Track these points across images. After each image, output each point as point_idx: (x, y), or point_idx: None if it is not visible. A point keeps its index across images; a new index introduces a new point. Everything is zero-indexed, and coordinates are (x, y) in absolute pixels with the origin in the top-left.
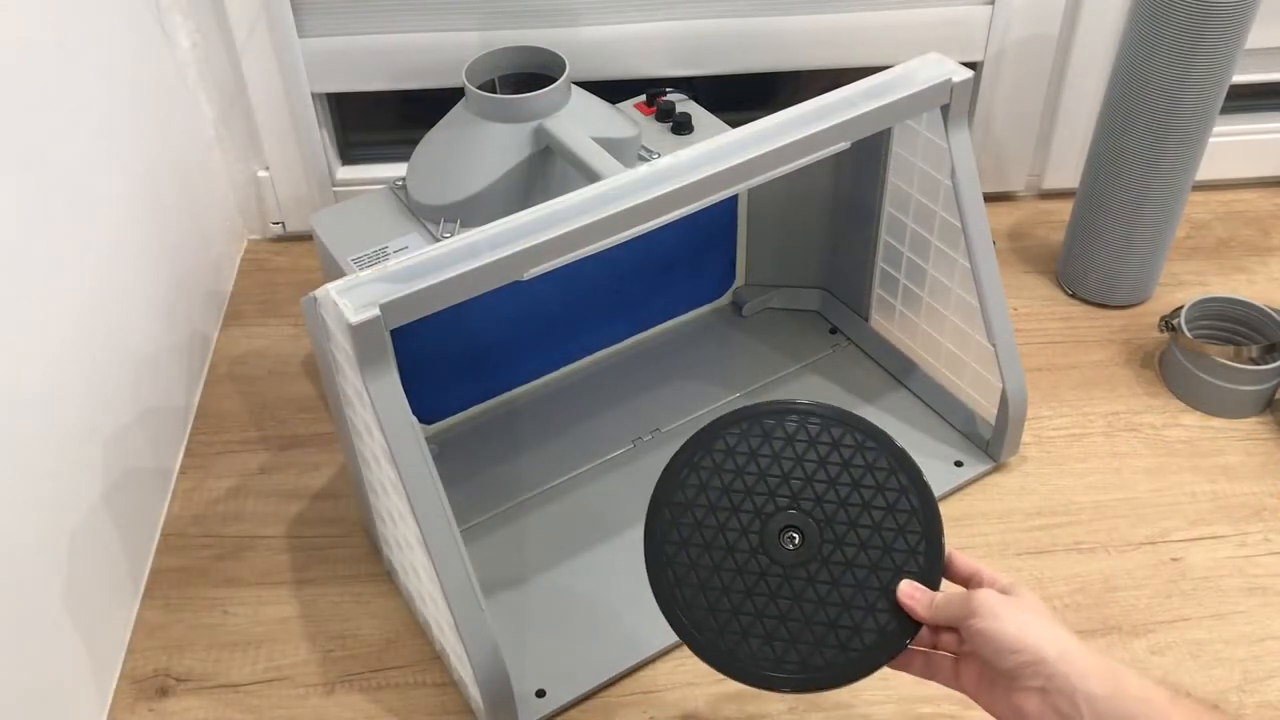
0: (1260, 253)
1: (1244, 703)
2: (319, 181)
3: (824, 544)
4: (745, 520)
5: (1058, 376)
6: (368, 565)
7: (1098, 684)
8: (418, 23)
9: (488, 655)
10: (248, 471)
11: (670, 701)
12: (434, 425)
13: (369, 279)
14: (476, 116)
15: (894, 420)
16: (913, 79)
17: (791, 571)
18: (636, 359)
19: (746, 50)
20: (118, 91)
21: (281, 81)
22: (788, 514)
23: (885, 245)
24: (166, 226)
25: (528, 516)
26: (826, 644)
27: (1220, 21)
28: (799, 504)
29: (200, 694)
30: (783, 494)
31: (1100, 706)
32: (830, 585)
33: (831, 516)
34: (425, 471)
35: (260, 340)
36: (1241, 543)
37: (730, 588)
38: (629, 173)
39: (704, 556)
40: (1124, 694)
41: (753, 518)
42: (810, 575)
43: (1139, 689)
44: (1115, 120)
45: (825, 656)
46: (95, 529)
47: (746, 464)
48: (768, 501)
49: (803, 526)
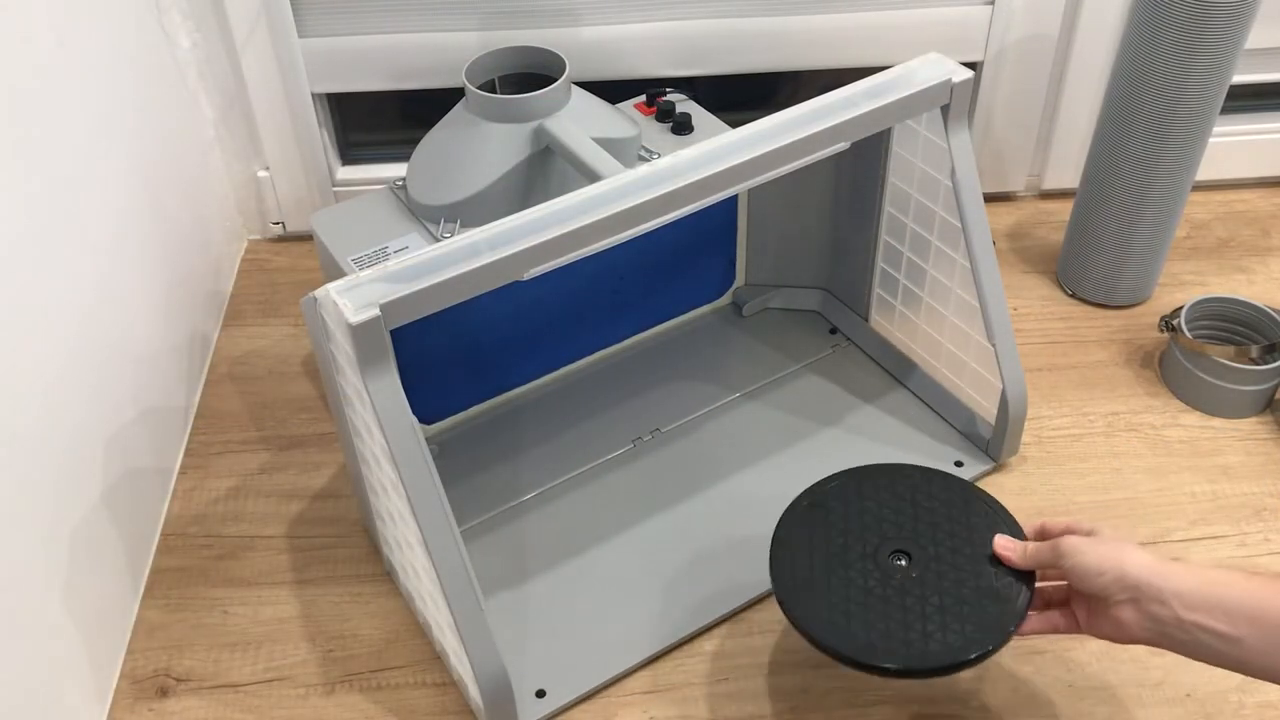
0: (1260, 253)
1: (1244, 703)
2: (319, 181)
3: (930, 560)
4: (861, 548)
5: (1058, 376)
6: (368, 565)
7: (1181, 581)
8: (418, 23)
9: (488, 655)
10: (248, 471)
11: (670, 701)
12: (434, 425)
13: (369, 279)
14: (476, 116)
15: (894, 420)
16: (913, 79)
17: (908, 584)
18: (636, 359)
19: (746, 50)
20: (118, 92)
21: (281, 81)
22: (894, 541)
23: (885, 245)
24: (166, 226)
25: (528, 516)
26: (951, 630)
27: (1220, 21)
28: (903, 535)
29: (200, 694)
30: (889, 526)
31: (1189, 599)
32: (947, 585)
33: (933, 540)
34: (425, 471)
35: (260, 340)
36: (1241, 543)
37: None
38: (629, 173)
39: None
40: (1209, 581)
41: (865, 546)
42: (927, 582)
43: (1220, 575)
44: (1115, 120)
45: (961, 634)
46: (95, 529)
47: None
48: (875, 535)
49: (909, 550)
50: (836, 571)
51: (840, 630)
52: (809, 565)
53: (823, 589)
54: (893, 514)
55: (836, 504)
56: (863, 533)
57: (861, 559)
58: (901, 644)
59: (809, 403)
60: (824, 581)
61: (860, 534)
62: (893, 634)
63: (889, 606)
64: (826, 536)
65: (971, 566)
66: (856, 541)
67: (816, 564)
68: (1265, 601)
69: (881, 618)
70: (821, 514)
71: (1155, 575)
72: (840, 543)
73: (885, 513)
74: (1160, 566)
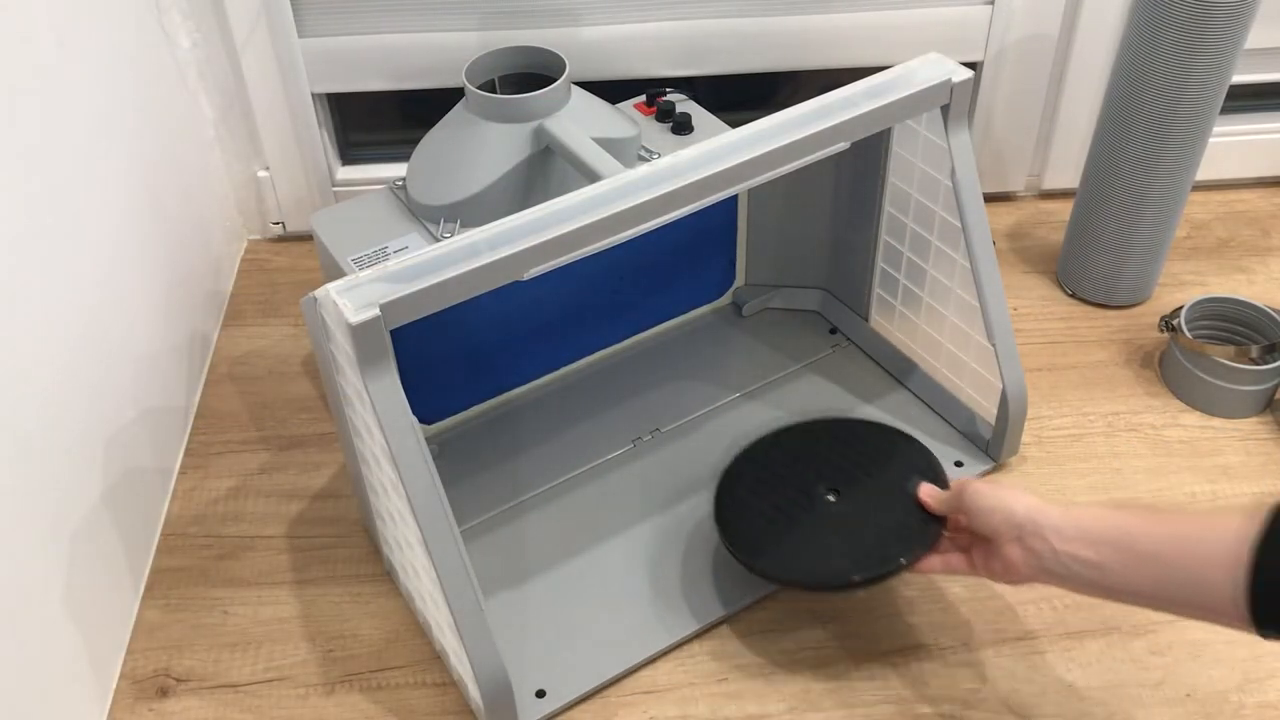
0: (1260, 253)
1: (1244, 703)
2: (319, 181)
3: (856, 498)
4: (798, 484)
5: (1058, 376)
6: (368, 565)
7: (1056, 518)
8: (418, 23)
9: (488, 655)
10: (248, 471)
11: (670, 701)
12: (434, 425)
13: (369, 279)
14: (476, 116)
15: (894, 420)
16: (913, 79)
17: (832, 516)
18: (636, 359)
19: (746, 50)
20: (118, 91)
21: (281, 81)
22: (828, 480)
23: (885, 245)
24: (166, 226)
25: (528, 516)
26: (875, 552)
27: (1220, 21)
28: (836, 475)
29: (200, 694)
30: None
31: (1062, 532)
32: (866, 520)
33: (863, 481)
34: (425, 471)
35: (260, 340)
36: None
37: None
38: (629, 173)
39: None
40: (1078, 515)
41: (801, 483)
42: (848, 516)
43: (1089, 509)
44: (1115, 120)
45: (881, 554)
46: (95, 529)
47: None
48: (812, 473)
49: (839, 487)
50: (768, 499)
51: (759, 549)
52: (748, 496)
53: (756, 515)
54: (837, 456)
55: (784, 448)
56: (802, 471)
57: (796, 493)
58: (808, 565)
59: (809, 403)
60: (758, 509)
61: (799, 473)
62: (802, 555)
63: (810, 533)
64: (769, 472)
65: (892, 506)
66: (795, 478)
67: (756, 496)
68: (1123, 529)
69: (800, 542)
70: (768, 454)
71: (1036, 513)
72: (780, 479)
73: (828, 455)
74: (1041, 506)
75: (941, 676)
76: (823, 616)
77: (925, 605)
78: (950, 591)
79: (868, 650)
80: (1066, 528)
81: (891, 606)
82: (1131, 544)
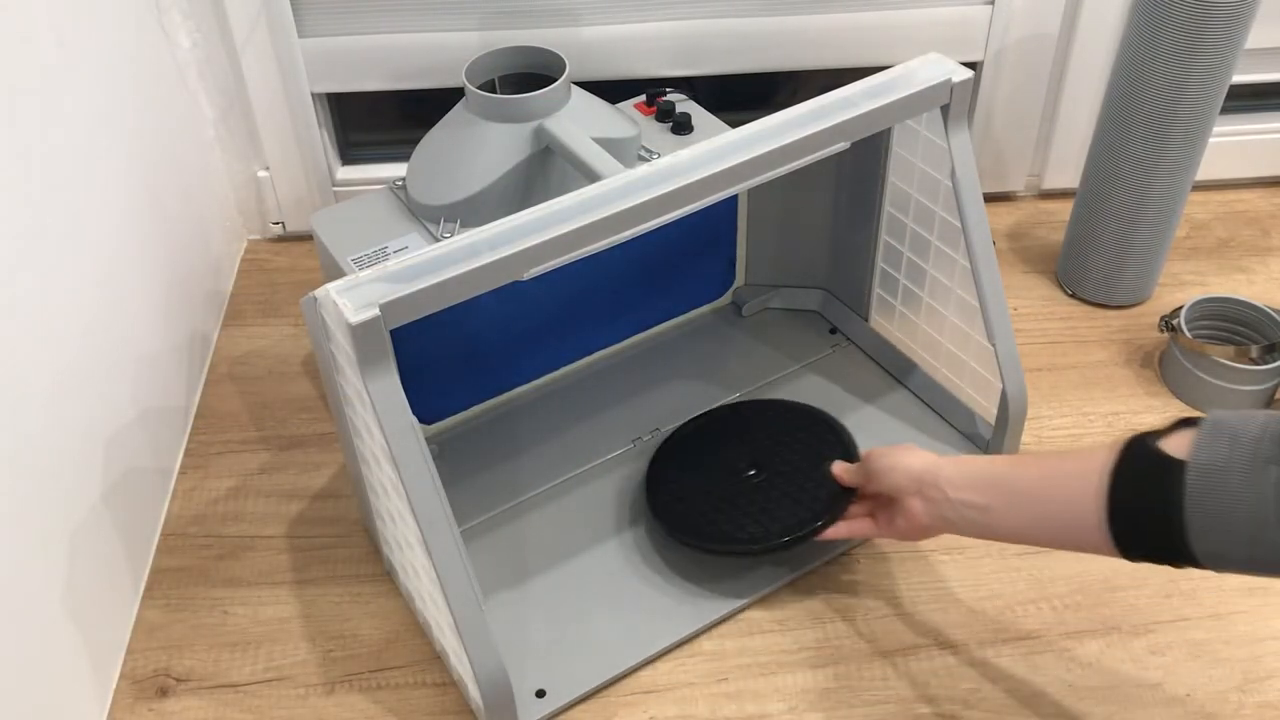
0: (1260, 253)
1: (1244, 703)
2: (319, 181)
3: (775, 473)
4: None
5: (1058, 376)
6: (368, 565)
7: (950, 469)
8: (418, 23)
9: (488, 655)
10: (248, 471)
11: (670, 701)
12: (434, 425)
13: (369, 279)
14: (476, 116)
15: (894, 420)
16: (913, 79)
17: (753, 490)
18: (636, 359)
19: (746, 50)
20: (118, 91)
21: (281, 81)
22: (750, 457)
23: (885, 245)
24: (167, 226)
25: (528, 516)
26: (793, 517)
27: (1220, 21)
28: (758, 452)
29: (200, 694)
30: (749, 446)
31: (954, 480)
32: (782, 493)
33: (783, 457)
34: (425, 471)
35: (260, 340)
36: None
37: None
38: (629, 173)
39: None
40: (967, 465)
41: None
42: (767, 488)
43: (977, 459)
44: (1115, 120)
45: (792, 523)
46: (95, 529)
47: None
48: (735, 451)
49: (760, 463)
50: (696, 475)
51: (683, 519)
52: (678, 474)
53: (686, 490)
54: (762, 436)
55: (713, 429)
56: (726, 450)
57: (719, 469)
58: (726, 533)
59: (809, 403)
60: (686, 483)
61: (724, 451)
62: (720, 524)
63: (729, 505)
64: (699, 451)
65: (805, 481)
66: (720, 456)
67: (684, 473)
68: (1003, 473)
69: (720, 513)
70: (699, 435)
71: (931, 466)
72: (709, 456)
73: (753, 435)
74: (935, 460)
75: (941, 676)
76: (823, 616)
77: (925, 605)
78: (950, 591)
79: (868, 650)
80: (957, 477)
81: (891, 606)
82: (1011, 485)
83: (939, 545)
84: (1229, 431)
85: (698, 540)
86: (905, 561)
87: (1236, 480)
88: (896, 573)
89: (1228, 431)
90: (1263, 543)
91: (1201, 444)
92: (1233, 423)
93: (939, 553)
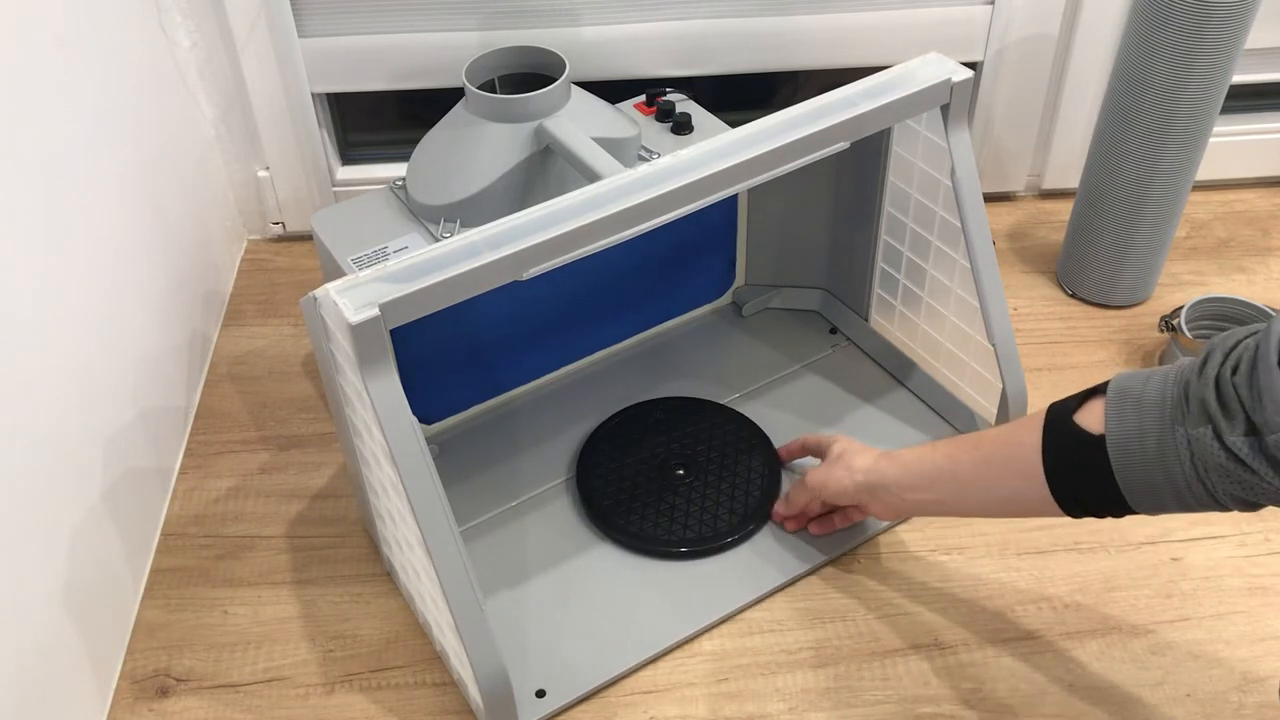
0: (1260, 253)
1: (1244, 703)
2: (319, 181)
3: (701, 474)
4: (652, 460)
5: (1058, 376)
6: (368, 565)
7: (893, 474)
8: (418, 23)
9: (488, 655)
10: (248, 471)
11: (670, 701)
12: (434, 425)
13: (369, 279)
14: (476, 116)
15: (894, 420)
16: (913, 79)
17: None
18: (636, 359)
19: (746, 50)
20: (118, 91)
21: (281, 81)
22: (678, 458)
23: (885, 245)
24: (166, 226)
25: (528, 516)
26: (719, 520)
27: (1220, 21)
28: (684, 454)
29: (200, 694)
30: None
31: (902, 483)
32: (714, 490)
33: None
34: (425, 471)
35: (260, 340)
36: (1241, 542)
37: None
38: (629, 173)
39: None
40: (908, 464)
41: (654, 460)
42: (699, 489)
43: (917, 455)
44: (1115, 120)
45: (722, 524)
46: (95, 529)
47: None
48: (665, 451)
49: (687, 465)
50: (627, 475)
51: (611, 518)
52: (607, 472)
53: (616, 489)
54: (689, 438)
55: (639, 425)
56: (655, 449)
57: (649, 468)
58: (656, 534)
59: (809, 403)
60: (617, 483)
61: (654, 450)
62: (647, 523)
63: (659, 505)
64: (626, 450)
65: (731, 483)
66: (650, 456)
67: (618, 472)
68: (946, 466)
69: (650, 512)
70: (625, 433)
71: (875, 475)
72: (638, 455)
73: (680, 435)
74: (876, 466)
75: (941, 676)
76: (823, 616)
77: (925, 605)
78: (950, 591)
79: (868, 650)
80: (904, 478)
81: (891, 606)
82: (954, 476)
83: (939, 545)
84: (1133, 397)
85: (628, 541)
86: (905, 561)
87: (1151, 446)
88: (896, 573)
89: (1132, 397)
90: (1190, 497)
91: (1111, 415)
92: (1134, 388)
93: (939, 553)
